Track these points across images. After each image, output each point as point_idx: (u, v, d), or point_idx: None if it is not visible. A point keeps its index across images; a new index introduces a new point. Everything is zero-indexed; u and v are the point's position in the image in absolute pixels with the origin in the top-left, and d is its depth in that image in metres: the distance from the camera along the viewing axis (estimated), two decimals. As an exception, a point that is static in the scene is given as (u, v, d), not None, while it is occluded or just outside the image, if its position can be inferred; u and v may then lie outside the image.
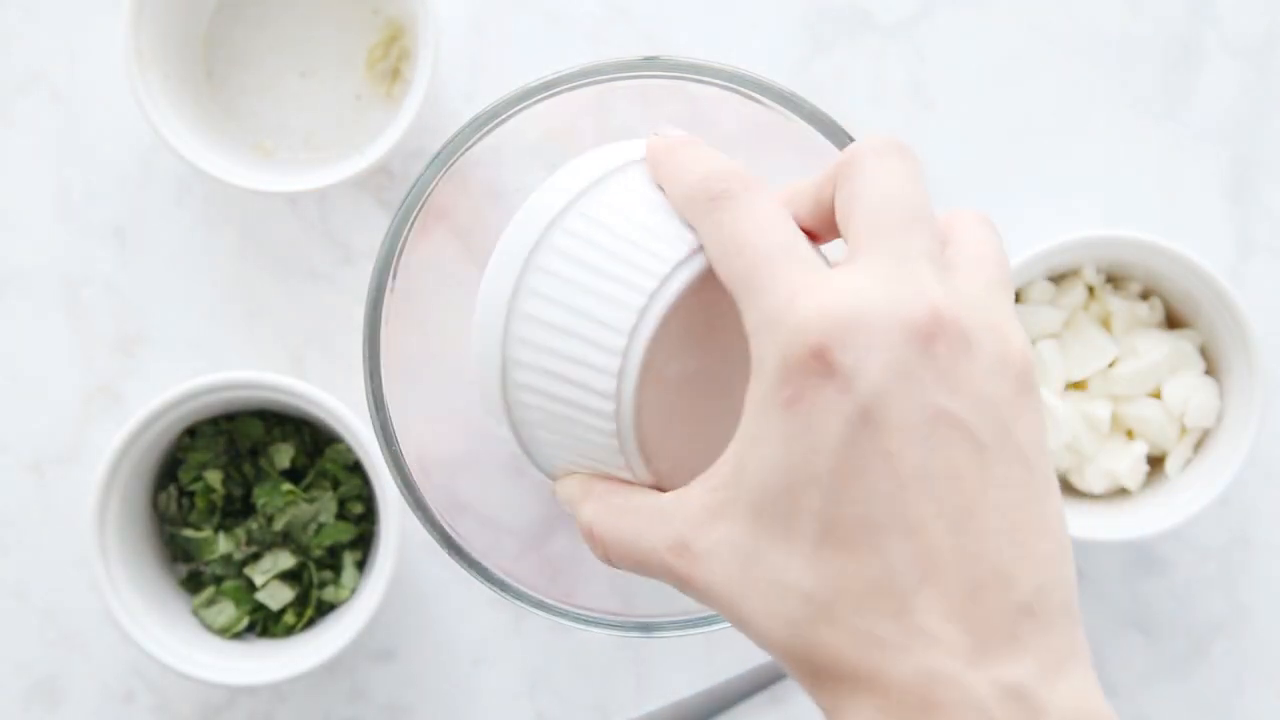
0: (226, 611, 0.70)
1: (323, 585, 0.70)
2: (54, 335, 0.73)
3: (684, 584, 0.37)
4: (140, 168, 0.73)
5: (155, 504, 0.71)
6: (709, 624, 0.55)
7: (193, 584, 0.71)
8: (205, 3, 0.71)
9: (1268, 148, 0.73)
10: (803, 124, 0.53)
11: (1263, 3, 0.73)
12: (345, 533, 0.70)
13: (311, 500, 0.70)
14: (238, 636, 0.70)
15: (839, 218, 0.37)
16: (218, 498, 0.70)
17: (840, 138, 0.53)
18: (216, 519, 0.70)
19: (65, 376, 0.73)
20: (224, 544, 0.70)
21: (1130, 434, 0.69)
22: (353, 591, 0.70)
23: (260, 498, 0.69)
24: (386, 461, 0.54)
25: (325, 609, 0.71)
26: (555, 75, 0.53)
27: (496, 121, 0.54)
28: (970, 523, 0.33)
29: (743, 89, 0.53)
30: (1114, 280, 0.70)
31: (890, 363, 0.33)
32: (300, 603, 0.70)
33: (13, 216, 0.73)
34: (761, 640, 0.35)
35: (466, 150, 0.54)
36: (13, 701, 0.73)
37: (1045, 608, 0.34)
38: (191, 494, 0.71)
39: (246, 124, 0.72)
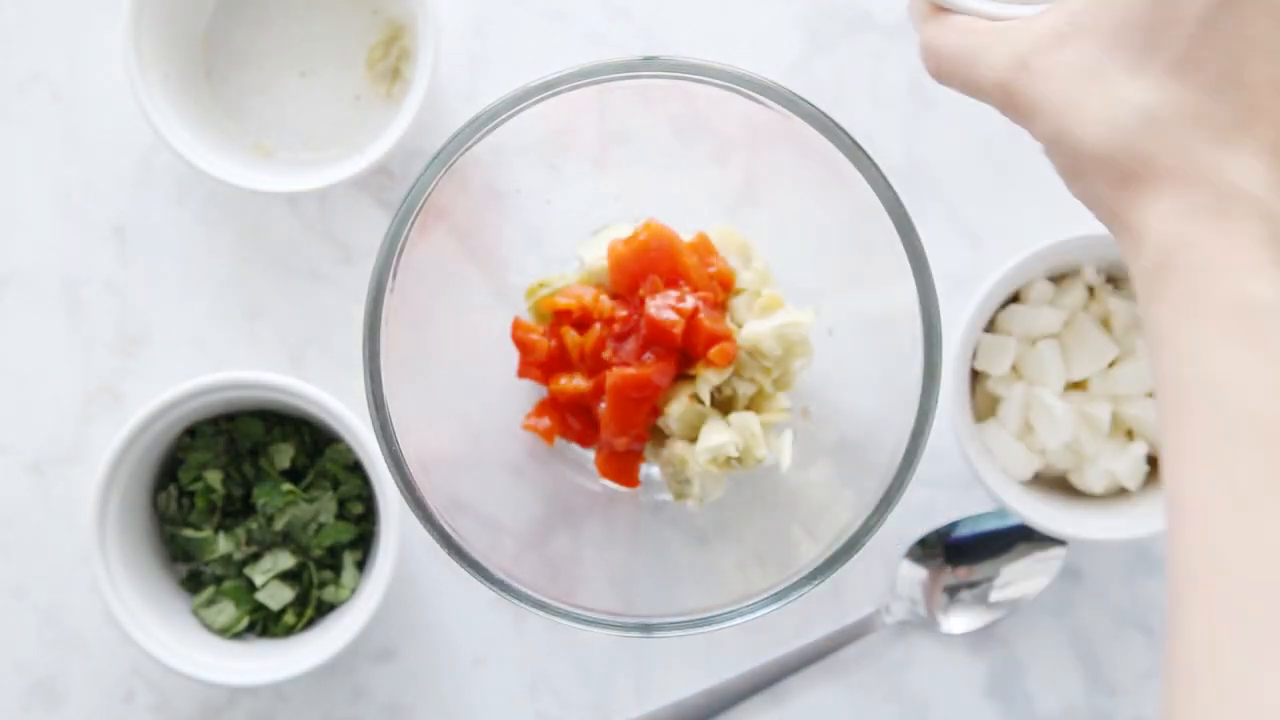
0: (226, 611, 0.70)
1: (323, 585, 0.70)
2: (54, 335, 0.73)
3: (1011, 98, 0.45)
4: (140, 168, 0.73)
5: (155, 504, 0.71)
6: (709, 624, 0.55)
7: (193, 584, 0.71)
8: (205, 3, 0.71)
9: (1268, 148, 0.73)
10: (803, 124, 0.53)
11: (1263, 3, 0.73)
12: (345, 533, 0.70)
13: (311, 500, 0.70)
14: (238, 636, 0.70)
15: None
16: (218, 498, 0.70)
17: (840, 138, 0.53)
18: (216, 519, 0.70)
19: (65, 376, 0.73)
20: (224, 544, 0.70)
21: (1130, 434, 0.69)
22: (353, 591, 0.70)
23: (260, 498, 0.69)
24: (386, 461, 0.55)
25: (325, 609, 0.71)
26: (555, 75, 0.53)
27: (496, 121, 0.54)
28: None
29: (743, 89, 0.53)
30: (1114, 280, 0.70)
31: None
32: (300, 603, 0.70)
33: (13, 216, 0.73)
34: (1078, 142, 0.43)
35: (466, 150, 0.54)
36: (13, 701, 0.73)
37: None
38: (191, 494, 0.71)
39: (246, 124, 0.72)
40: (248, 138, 0.72)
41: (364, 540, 0.71)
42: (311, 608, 0.70)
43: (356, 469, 0.71)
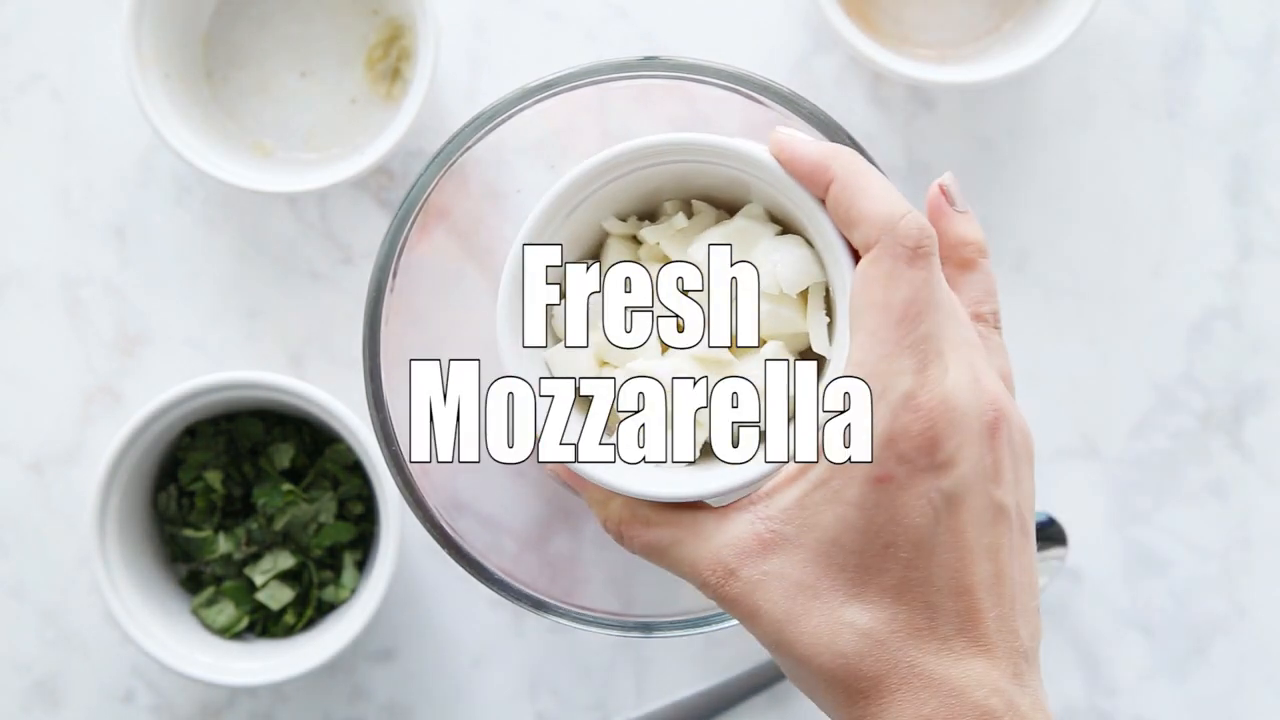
0: (226, 611, 0.70)
1: (323, 585, 0.70)
2: (54, 335, 0.73)
3: (722, 601, 0.43)
4: (140, 168, 0.73)
5: (155, 504, 0.71)
6: (709, 624, 0.55)
7: (193, 584, 0.71)
8: (205, 3, 0.71)
9: (1268, 148, 0.73)
10: (803, 124, 0.53)
11: (1263, 3, 0.73)
12: (345, 533, 0.70)
13: (311, 500, 0.70)
14: (238, 636, 0.70)
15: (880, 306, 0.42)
16: (218, 498, 0.70)
17: (840, 137, 0.53)
18: (216, 519, 0.70)
19: (65, 376, 0.73)
20: (224, 544, 0.70)
21: None
22: (353, 591, 0.70)
23: (260, 498, 0.69)
24: (386, 461, 0.54)
25: (325, 609, 0.71)
26: (555, 75, 0.53)
27: (496, 121, 0.53)
28: (1000, 587, 0.42)
29: (743, 89, 0.53)
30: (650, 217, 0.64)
31: (973, 457, 0.41)
32: (300, 603, 0.70)
33: (13, 216, 0.73)
34: (804, 660, 0.42)
35: (466, 150, 0.53)
36: (13, 701, 0.73)
37: (1034, 653, 0.43)
38: (191, 494, 0.71)
39: (246, 124, 0.72)
40: (248, 138, 0.72)
41: (364, 540, 0.71)
42: (311, 608, 0.70)
43: (356, 469, 0.71)
